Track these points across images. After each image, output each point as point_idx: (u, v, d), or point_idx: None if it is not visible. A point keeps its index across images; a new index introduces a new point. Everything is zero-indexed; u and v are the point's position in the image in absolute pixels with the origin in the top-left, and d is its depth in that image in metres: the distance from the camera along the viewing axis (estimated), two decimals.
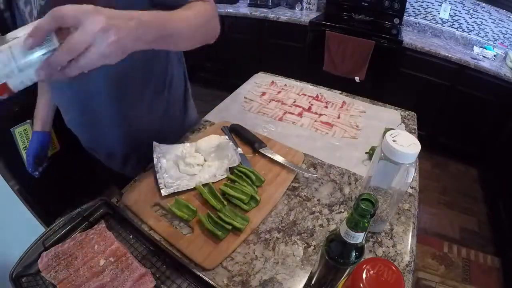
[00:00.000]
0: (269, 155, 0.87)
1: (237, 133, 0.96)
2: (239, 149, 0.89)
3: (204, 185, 0.77)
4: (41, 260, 0.59)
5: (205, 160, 0.84)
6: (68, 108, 0.87)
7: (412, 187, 0.82)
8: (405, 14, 2.62)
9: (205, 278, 0.57)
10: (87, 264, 0.59)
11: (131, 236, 0.66)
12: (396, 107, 1.17)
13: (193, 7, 0.65)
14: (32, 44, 0.41)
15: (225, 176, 0.80)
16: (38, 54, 0.42)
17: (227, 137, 0.90)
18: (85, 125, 0.89)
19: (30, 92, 0.76)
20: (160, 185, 0.76)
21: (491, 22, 2.42)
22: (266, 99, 1.19)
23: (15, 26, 0.65)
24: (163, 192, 0.74)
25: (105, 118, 0.83)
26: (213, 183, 0.78)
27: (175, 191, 0.75)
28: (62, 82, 0.75)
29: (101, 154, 0.98)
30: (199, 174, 0.80)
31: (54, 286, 0.56)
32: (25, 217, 1.16)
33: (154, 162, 0.80)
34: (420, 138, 0.64)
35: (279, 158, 0.86)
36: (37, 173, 1.02)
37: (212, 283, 0.56)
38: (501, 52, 2.34)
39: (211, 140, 0.85)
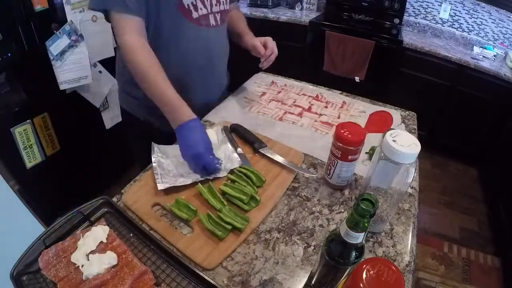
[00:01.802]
0: (269, 155, 0.87)
1: (237, 133, 0.96)
2: (239, 149, 0.89)
3: (203, 184, 0.77)
4: (41, 258, 0.59)
5: None
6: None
7: (412, 187, 0.82)
8: (405, 14, 2.62)
9: (205, 276, 0.57)
10: None
11: (131, 234, 0.66)
12: (396, 107, 1.17)
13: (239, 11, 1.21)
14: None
15: (225, 175, 0.80)
16: None
17: (224, 134, 0.92)
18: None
19: (30, 92, 0.76)
20: (157, 180, 0.75)
21: (491, 22, 2.42)
22: (266, 99, 1.19)
23: None
24: (160, 187, 0.74)
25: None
26: (211, 180, 0.78)
27: (172, 185, 0.75)
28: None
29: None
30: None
31: (55, 284, 0.57)
32: (25, 217, 1.16)
33: (153, 161, 0.80)
34: (420, 138, 0.64)
35: (279, 158, 0.86)
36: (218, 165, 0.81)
37: (211, 281, 0.56)
38: (501, 52, 2.34)
39: (210, 135, 0.85)
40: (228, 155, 0.86)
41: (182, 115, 0.80)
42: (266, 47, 1.06)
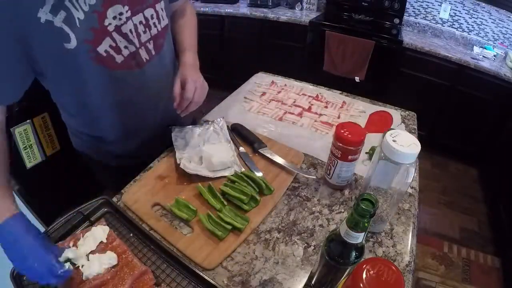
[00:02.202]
0: (268, 155, 0.87)
1: (238, 132, 0.96)
2: (241, 148, 0.89)
3: (203, 185, 0.77)
4: None
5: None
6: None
7: (412, 187, 0.82)
8: (405, 14, 2.62)
9: (205, 277, 0.57)
10: None
11: (131, 234, 0.66)
12: (396, 107, 1.17)
13: (190, 9, 0.96)
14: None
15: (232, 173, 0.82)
16: None
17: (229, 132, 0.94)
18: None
19: (30, 92, 0.76)
20: (178, 160, 0.81)
21: (491, 22, 2.42)
22: (266, 99, 1.19)
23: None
24: (182, 166, 0.78)
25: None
26: (212, 179, 0.79)
27: (194, 173, 0.78)
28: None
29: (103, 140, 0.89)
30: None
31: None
32: None
33: (173, 140, 0.86)
34: (420, 138, 0.64)
35: (278, 159, 0.86)
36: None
37: (211, 281, 0.56)
38: (501, 52, 2.34)
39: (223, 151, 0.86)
40: (233, 157, 0.86)
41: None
42: (184, 88, 0.78)
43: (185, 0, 0.95)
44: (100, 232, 0.63)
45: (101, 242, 0.62)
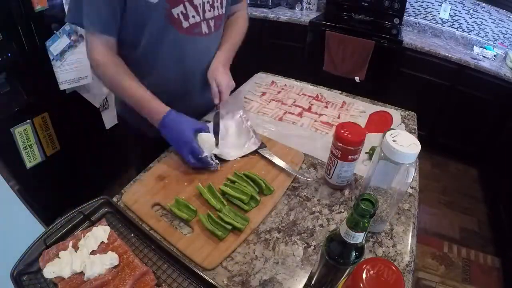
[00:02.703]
0: (267, 156, 0.87)
1: None
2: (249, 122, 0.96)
3: (203, 184, 0.77)
4: (42, 258, 0.59)
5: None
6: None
7: (412, 187, 0.82)
8: (405, 14, 2.62)
9: (205, 277, 0.57)
10: None
11: (132, 235, 0.66)
12: (396, 107, 1.18)
13: (243, 18, 1.09)
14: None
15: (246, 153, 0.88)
16: None
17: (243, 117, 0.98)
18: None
19: (30, 92, 0.77)
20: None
21: (491, 22, 2.42)
22: (266, 99, 1.19)
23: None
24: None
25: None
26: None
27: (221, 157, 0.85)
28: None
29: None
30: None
31: (55, 284, 0.56)
32: (25, 217, 1.16)
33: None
34: (420, 138, 0.64)
35: (277, 160, 0.85)
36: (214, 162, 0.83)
37: (212, 282, 0.56)
38: (501, 52, 2.34)
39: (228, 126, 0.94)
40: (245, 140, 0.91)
41: (156, 114, 0.83)
42: (219, 90, 0.93)
43: (242, 7, 1.09)
44: (101, 232, 0.63)
45: (102, 242, 0.62)
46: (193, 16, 0.86)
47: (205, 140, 0.83)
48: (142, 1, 0.78)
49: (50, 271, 0.57)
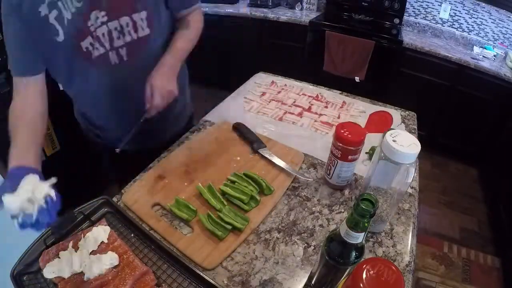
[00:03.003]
0: (267, 156, 0.87)
1: (239, 132, 0.96)
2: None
3: (204, 185, 0.77)
4: (42, 258, 0.59)
5: None
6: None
7: (412, 187, 0.82)
8: (405, 14, 2.62)
9: (205, 277, 0.57)
10: None
11: (132, 235, 0.66)
12: (396, 107, 1.18)
13: (194, 22, 0.93)
14: None
15: None
16: None
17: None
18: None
19: None
20: None
21: (491, 22, 2.42)
22: (266, 99, 1.19)
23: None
24: None
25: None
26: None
27: None
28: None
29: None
30: None
31: (55, 284, 0.56)
32: None
33: None
34: (420, 138, 0.64)
35: (277, 160, 0.86)
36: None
37: (212, 282, 0.56)
38: (501, 52, 2.34)
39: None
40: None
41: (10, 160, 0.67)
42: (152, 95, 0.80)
43: (194, 10, 0.94)
44: (101, 232, 0.63)
45: (102, 242, 0.62)
46: (97, 48, 0.78)
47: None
48: (49, 41, 0.73)
49: (50, 271, 0.57)
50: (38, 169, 0.67)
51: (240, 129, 0.96)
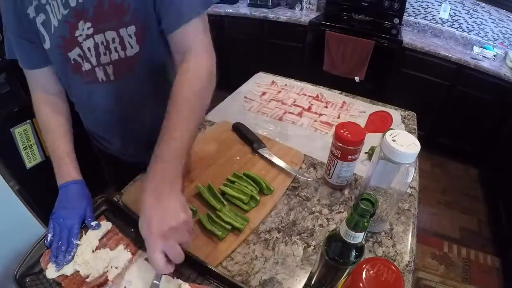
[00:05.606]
0: (266, 156, 0.87)
1: (239, 131, 0.96)
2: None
3: (204, 185, 0.77)
4: (43, 259, 0.59)
5: None
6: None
7: (412, 187, 0.82)
8: (405, 14, 2.62)
9: (213, 268, 0.57)
10: None
11: (132, 230, 0.66)
12: (396, 107, 1.18)
13: (195, 70, 0.70)
14: None
15: None
16: None
17: None
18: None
19: (30, 92, 0.77)
20: None
21: (491, 22, 2.42)
22: (266, 99, 1.19)
23: None
24: None
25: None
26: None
27: None
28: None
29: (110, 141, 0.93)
30: None
31: (58, 284, 0.56)
32: (25, 218, 1.16)
33: None
34: (420, 138, 0.64)
35: (276, 160, 0.85)
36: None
37: (221, 272, 0.56)
38: (501, 52, 2.34)
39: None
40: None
41: (65, 175, 0.70)
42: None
43: (193, 35, 0.73)
44: (102, 227, 0.63)
45: (103, 237, 0.63)
46: (86, 62, 0.71)
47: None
48: (40, 46, 0.69)
49: (52, 271, 0.57)
50: (80, 178, 0.72)
51: (240, 129, 0.96)
